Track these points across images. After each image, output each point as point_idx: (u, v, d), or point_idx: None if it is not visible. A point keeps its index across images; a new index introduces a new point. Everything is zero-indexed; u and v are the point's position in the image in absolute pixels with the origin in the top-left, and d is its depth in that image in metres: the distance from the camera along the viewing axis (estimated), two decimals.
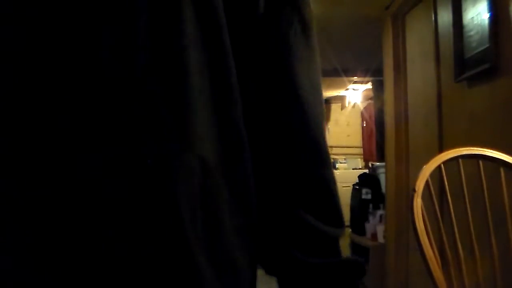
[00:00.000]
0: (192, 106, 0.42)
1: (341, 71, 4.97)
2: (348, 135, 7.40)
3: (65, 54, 0.37)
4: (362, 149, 6.74)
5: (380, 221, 3.64)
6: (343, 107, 7.46)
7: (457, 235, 1.27)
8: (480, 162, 1.34)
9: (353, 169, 6.46)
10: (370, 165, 5.17)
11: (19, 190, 0.35)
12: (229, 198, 0.45)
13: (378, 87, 4.80)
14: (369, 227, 3.74)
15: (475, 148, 1.36)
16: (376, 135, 5.44)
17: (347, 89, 6.66)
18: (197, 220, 0.41)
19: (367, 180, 4.18)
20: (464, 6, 2.13)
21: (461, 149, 1.35)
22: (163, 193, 0.39)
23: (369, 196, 4.00)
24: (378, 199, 3.88)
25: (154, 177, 0.39)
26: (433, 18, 2.53)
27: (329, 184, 0.53)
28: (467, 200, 1.30)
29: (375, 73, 4.88)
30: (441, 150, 2.28)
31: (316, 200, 0.51)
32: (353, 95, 6.88)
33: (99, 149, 0.37)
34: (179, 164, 0.40)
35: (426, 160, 1.33)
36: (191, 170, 0.41)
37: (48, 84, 0.37)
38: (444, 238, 1.27)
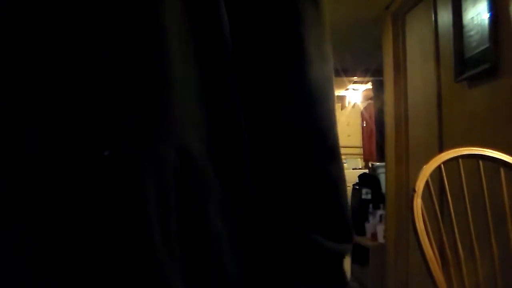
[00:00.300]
0: (170, 89, 0.35)
1: (341, 71, 4.96)
2: (348, 135, 7.39)
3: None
4: (362, 149, 6.73)
5: (380, 221, 3.64)
6: (343, 107, 7.46)
7: (457, 235, 1.27)
8: (480, 162, 1.34)
9: (353, 169, 6.46)
10: (370, 165, 5.18)
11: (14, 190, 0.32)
12: (223, 197, 0.38)
13: (378, 87, 4.80)
14: (369, 227, 3.74)
15: (475, 148, 1.36)
16: (376, 135, 5.44)
17: (347, 89, 6.66)
18: (170, 225, 0.34)
19: (367, 180, 4.18)
20: (464, 6, 2.13)
21: (461, 149, 1.35)
22: (124, 190, 0.32)
23: (369, 196, 4.00)
24: (378, 199, 3.88)
25: (112, 171, 0.32)
26: (433, 18, 2.53)
27: (336, 184, 0.44)
28: (467, 200, 1.30)
29: (375, 73, 4.88)
30: (441, 150, 2.28)
31: (319, 207, 0.42)
32: (353, 95, 6.88)
33: (55, 144, 0.31)
34: (147, 155, 0.33)
35: (426, 160, 1.33)
36: (164, 163, 0.34)
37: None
38: (444, 238, 1.27)
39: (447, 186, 1.30)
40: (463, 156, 1.34)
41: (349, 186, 4.30)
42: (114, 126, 0.32)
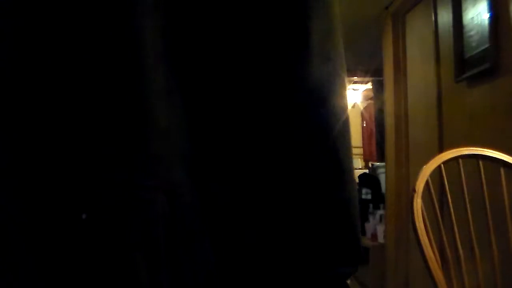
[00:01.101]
0: (152, 124, 0.31)
1: None
2: None
3: None
4: (362, 149, 6.73)
5: (380, 221, 3.64)
6: None
7: (457, 235, 1.27)
8: (480, 162, 1.33)
9: None
10: (370, 165, 5.18)
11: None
12: (210, 231, 0.35)
13: (378, 87, 4.80)
14: (369, 227, 3.74)
15: (475, 148, 1.36)
16: (376, 135, 5.44)
17: (347, 89, 6.67)
18: (160, 274, 0.31)
19: (367, 180, 4.18)
20: (464, 6, 2.13)
21: (461, 149, 1.35)
22: (110, 258, 0.29)
23: (369, 196, 4.00)
24: (378, 199, 3.88)
25: (93, 236, 0.28)
26: (433, 18, 2.53)
27: (352, 216, 0.39)
28: (467, 200, 1.30)
29: (375, 73, 4.88)
30: (441, 150, 2.28)
31: (326, 232, 0.38)
32: (353, 95, 6.88)
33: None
34: (133, 208, 0.30)
35: (426, 160, 1.33)
36: (152, 212, 0.31)
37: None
38: (444, 238, 1.27)
39: (447, 186, 1.30)
40: (463, 156, 1.34)
41: None
42: (93, 182, 0.29)
